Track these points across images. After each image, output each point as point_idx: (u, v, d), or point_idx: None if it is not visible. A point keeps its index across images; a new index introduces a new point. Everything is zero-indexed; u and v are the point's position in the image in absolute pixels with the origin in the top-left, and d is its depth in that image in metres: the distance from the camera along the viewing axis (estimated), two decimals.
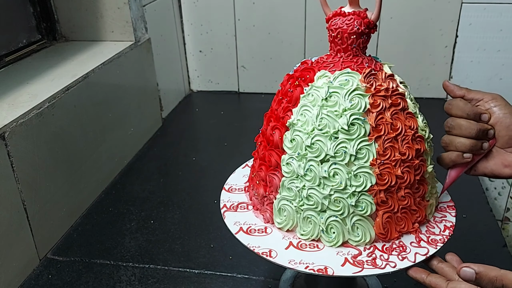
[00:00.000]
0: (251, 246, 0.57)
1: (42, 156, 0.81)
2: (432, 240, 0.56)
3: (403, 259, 0.54)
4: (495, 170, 0.59)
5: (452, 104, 0.58)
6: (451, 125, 0.57)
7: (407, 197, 0.55)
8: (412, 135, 0.55)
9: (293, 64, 0.62)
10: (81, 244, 0.86)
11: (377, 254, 0.55)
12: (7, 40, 0.99)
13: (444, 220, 0.59)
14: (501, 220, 1.37)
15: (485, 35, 1.26)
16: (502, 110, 0.57)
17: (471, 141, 0.57)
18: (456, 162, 0.58)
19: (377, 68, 0.57)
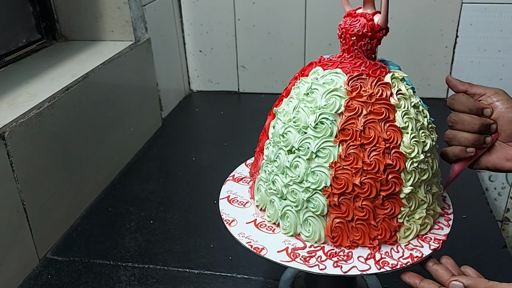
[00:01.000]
0: (222, 212, 0.61)
1: (42, 156, 0.80)
2: (382, 262, 0.53)
3: (336, 267, 0.53)
4: (497, 164, 0.59)
5: (455, 99, 0.58)
6: (454, 120, 0.58)
7: (365, 209, 0.53)
8: (386, 148, 0.52)
9: (293, 64, 0.62)
10: (80, 244, 0.86)
11: (318, 254, 0.55)
12: (7, 39, 0.99)
13: (416, 248, 0.55)
14: (501, 220, 1.37)
15: (485, 35, 1.26)
16: (504, 105, 0.57)
17: (474, 136, 0.57)
18: (460, 157, 0.59)
19: (376, 74, 0.55)
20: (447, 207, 0.62)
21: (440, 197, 0.61)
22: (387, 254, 0.54)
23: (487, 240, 0.83)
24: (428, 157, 0.55)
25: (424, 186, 0.55)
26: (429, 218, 0.57)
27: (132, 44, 1.10)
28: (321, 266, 0.53)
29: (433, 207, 0.57)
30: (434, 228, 0.58)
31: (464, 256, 0.79)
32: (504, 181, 1.33)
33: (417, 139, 0.54)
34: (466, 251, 0.80)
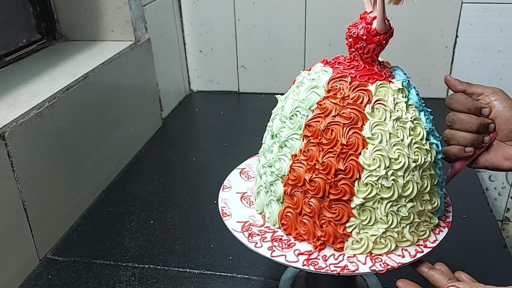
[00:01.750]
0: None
1: (42, 156, 0.80)
2: (311, 262, 0.53)
3: (265, 248, 0.56)
4: (495, 163, 0.60)
5: (453, 98, 0.59)
6: (453, 119, 0.58)
7: (312, 207, 0.53)
8: (342, 153, 0.51)
9: (293, 64, 0.62)
10: (81, 244, 0.86)
11: (266, 235, 0.58)
12: (7, 39, 0.99)
13: (356, 263, 0.53)
14: (501, 220, 1.37)
15: (485, 35, 1.26)
16: (502, 104, 0.58)
17: (473, 135, 0.58)
18: (458, 156, 0.59)
19: (364, 79, 0.54)
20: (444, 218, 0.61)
21: (424, 225, 0.56)
22: (324, 258, 0.54)
23: (487, 240, 0.83)
24: (398, 176, 0.51)
25: (387, 205, 0.52)
26: (391, 240, 0.54)
27: (132, 44, 1.10)
28: (258, 244, 0.57)
29: (398, 231, 0.54)
30: None
31: (464, 256, 0.79)
32: (504, 180, 1.33)
33: (384, 153, 0.51)
34: (466, 251, 0.80)
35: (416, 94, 0.56)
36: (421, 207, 0.55)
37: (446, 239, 0.57)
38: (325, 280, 0.65)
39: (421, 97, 0.58)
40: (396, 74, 0.57)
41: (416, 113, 0.55)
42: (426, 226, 0.56)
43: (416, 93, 0.57)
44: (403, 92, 0.55)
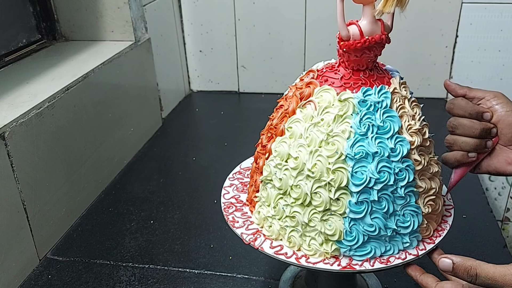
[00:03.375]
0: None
1: (42, 156, 0.80)
2: None
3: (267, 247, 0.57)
4: (498, 167, 0.59)
5: (454, 103, 0.58)
6: (454, 125, 0.58)
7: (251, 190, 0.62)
8: (271, 135, 0.58)
9: (293, 64, 0.62)
10: (81, 244, 0.86)
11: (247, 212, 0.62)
12: (7, 39, 0.99)
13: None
14: (501, 220, 1.37)
15: (485, 35, 1.26)
16: (504, 108, 0.57)
17: (475, 141, 0.57)
18: (462, 162, 0.59)
19: (340, 85, 0.54)
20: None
21: (318, 244, 0.55)
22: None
23: (487, 240, 0.83)
24: (291, 175, 0.54)
25: (278, 195, 0.56)
26: (283, 234, 0.56)
27: (132, 44, 1.10)
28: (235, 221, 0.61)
29: (286, 229, 0.56)
30: None
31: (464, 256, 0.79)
32: (504, 181, 1.33)
33: (286, 148, 0.55)
34: (466, 251, 0.80)
35: (366, 123, 0.52)
36: (310, 221, 0.54)
37: (446, 239, 0.57)
38: (325, 280, 0.65)
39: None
40: (376, 92, 0.54)
41: (342, 130, 0.52)
42: (316, 247, 0.54)
43: (368, 120, 0.52)
44: (346, 106, 0.53)
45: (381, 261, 0.54)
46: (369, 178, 0.51)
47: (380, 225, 0.53)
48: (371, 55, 0.54)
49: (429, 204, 0.55)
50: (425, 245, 0.56)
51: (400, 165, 0.52)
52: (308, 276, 0.69)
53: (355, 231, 0.53)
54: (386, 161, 0.52)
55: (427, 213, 0.55)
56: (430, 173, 0.55)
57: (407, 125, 0.53)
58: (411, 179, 0.52)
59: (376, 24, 0.53)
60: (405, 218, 0.54)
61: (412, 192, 0.53)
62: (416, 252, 0.55)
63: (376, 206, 0.52)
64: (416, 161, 0.53)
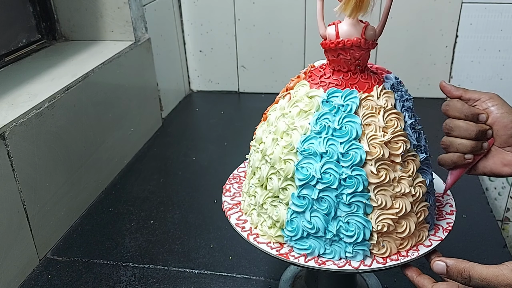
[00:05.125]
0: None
1: (42, 156, 0.80)
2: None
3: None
4: (494, 169, 0.59)
5: (449, 105, 0.58)
6: (450, 127, 0.58)
7: None
8: None
9: (293, 64, 0.62)
10: (81, 244, 0.86)
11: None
12: (7, 39, 0.99)
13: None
14: (501, 220, 1.37)
15: (485, 35, 1.26)
16: (499, 110, 0.57)
17: (471, 142, 0.57)
18: (458, 163, 0.59)
19: (317, 82, 0.55)
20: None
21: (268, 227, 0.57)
22: None
23: (487, 240, 0.83)
24: (263, 163, 0.57)
25: (253, 178, 0.59)
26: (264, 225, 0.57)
27: (132, 44, 1.10)
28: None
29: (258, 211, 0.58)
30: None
31: (464, 256, 0.78)
32: (504, 180, 1.33)
33: (266, 133, 0.58)
34: (466, 251, 0.80)
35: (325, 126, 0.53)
36: (264, 204, 0.57)
37: (446, 239, 0.57)
38: (325, 280, 0.65)
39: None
40: (343, 96, 0.53)
41: (301, 125, 0.54)
42: (266, 229, 0.57)
43: (324, 121, 0.53)
44: (312, 103, 0.54)
45: (380, 262, 0.54)
46: (312, 175, 0.52)
47: (319, 225, 0.53)
48: (348, 57, 0.53)
49: (385, 222, 0.52)
50: (375, 263, 0.53)
51: (349, 172, 0.51)
52: (308, 276, 0.69)
53: (295, 223, 0.54)
54: (334, 164, 0.51)
55: (381, 231, 0.53)
56: (394, 191, 0.52)
57: (370, 134, 0.51)
58: (360, 189, 0.51)
59: (356, 27, 0.53)
60: (349, 227, 0.52)
61: (362, 203, 0.52)
62: (357, 265, 0.53)
63: (317, 205, 0.52)
64: (372, 173, 0.51)
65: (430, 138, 0.60)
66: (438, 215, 0.61)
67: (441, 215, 0.61)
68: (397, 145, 0.52)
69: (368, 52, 0.54)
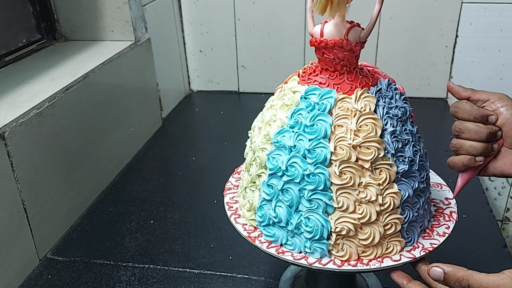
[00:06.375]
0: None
1: (42, 156, 0.80)
2: None
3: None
4: (504, 170, 0.58)
5: (458, 107, 0.57)
6: (460, 129, 0.57)
7: None
8: None
9: (293, 64, 0.62)
10: (81, 244, 0.86)
11: None
12: (7, 39, 0.99)
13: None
14: (501, 220, 1.37)
15: (485, 35, 1.26)
16: (509, 111, 0.56)
17: (482, 145, 0.56)
18: (469, 166, 0.58)
19: (305, 78, 0.57)
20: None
21: None
22: None
23: (487, 240, 0.83)
24: (253, 159, 0.59)
25: (248, 171, 0.60)
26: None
27: (132, 44, 1.10)
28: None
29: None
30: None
31: (464, 256, 0.79)
32: (504, 180, 1.33)
33: (256, 131, 0.60)
34: (466, 251, 0.80)
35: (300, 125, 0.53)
36: (247, 188, 0.60)
37: (446, 239, 0.57)
38: (325, 280, 0.65)
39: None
40: (320, 94, 0.54)
41: (280, 118, 0.55)
42: (246, 211, 0.60)
43: (298, 116, 0.54)
44: (294, 98, 0.55)
45: (337, 264, 0.54)
46: (279, 166, 0.53)
47: (281, 215, 0.54)
48: (331, 57, 0.54)
49: (345, 225, 0.52)
50: (333, 264, 0.53)
51: (312, 169, 0.51)
52: (308, 276, 0.69)
53: (264, 210, 0.56)
54: (301, 159, 0.52)
55: (341, 233, 0.53)
56: (359, 197, 0.52)
57: (339, 136, 0.51)
58: (321, 188, 0.51)
59: (340, 27, 0.53)
60: (308, 222, 0.53)
61: (322, 201, 0.52)
62: (312, 261, 0.53)
63: (282, 196, 0.54)
64: (335, 174, 0.51)
65: (430, 137, 0.60)
66: (427, 234, 0.58)
67: (429, 235, 0.58)
68: (368, 151, 0.51)
69: (354, 54, 0.54)
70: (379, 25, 1.29)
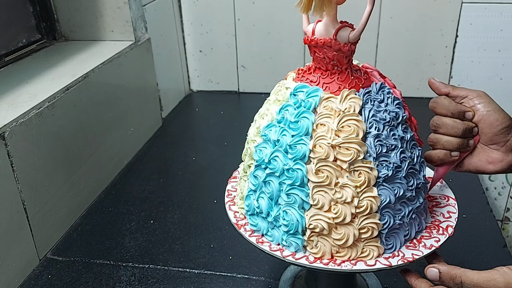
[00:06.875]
0: None
1: (42, 156, 0.80)
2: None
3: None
4: (479, 166, 0.60)
5: (437, 102, 0.58)
6: (437, 124, 0.58)
7: None
8: None
9: (293, 64, 0.63)
10: (81, 244, 0.86)
11: None
12: (7, 39, 0.99)
13: None
14: (501, 220, 1.37)
15: (485, 35, 1.26)
16: (486, 108, 0.57)
17: (458, 140, 0.57)
18: (445, 160, 0.59)
19: (299, 76, 0.57)
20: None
21: None
22: None
23: (487, 240, 0.83)
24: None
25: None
26: None
27: (132, 44, 1.10)
28: None
29: None
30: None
31: (464, 256, 0.79)
32: (504, 180, 1.33)
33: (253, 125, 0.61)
34: (466, 251, 0.80)
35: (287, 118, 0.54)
36: (242, 178, 0.62)
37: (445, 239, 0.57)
38: (325, 280, 0.65)
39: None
40: (307, 92, 0.54)
41: (271, 112, 0.57)
42: (239, 200, 0.62)
43: (285, 112, 0.55)
44: (285, 94, 0.56)
45: (310, 260, 0.54)
46: (263, 159, 0.55)
47: (263, 207, 0.56)
48: (321, 56, 0.54)
49: (319, 223, 0.52)
50: (306, 260, 0.54)
51: (291, 165, 0.52)
52: (308, 276, 0.69)
53: (250, 199, 0.58)
54: (283, 154, 0.53)
55: (314, 230, 0.53)
56: (335, 196, 0.52)
57: (320, 134, 0.52)
58: (298, 183, 0.52)
59: (330, 27, 0.53)
60: (286, 216, 0.54)
61: (299, 197, 0.52)
62: (287, 254, 0.55)
63: (264, 187, 0.56)
64: (312, 172, 0.52)
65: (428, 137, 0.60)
66: (413, 245, 0.56)
67: (415, 245, 0.56)
68: (347, 152, 0.51)
69: (344, 54, 0.53)
70: (379, 25, 1.29)
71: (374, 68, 0.59)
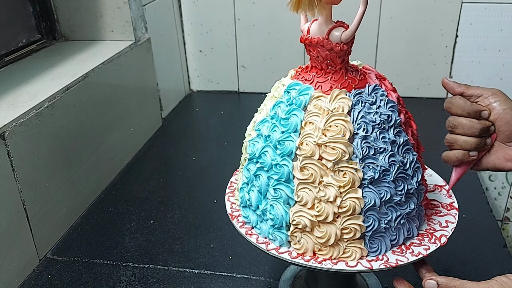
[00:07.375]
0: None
1: (42, 156, 0.80)
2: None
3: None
4: (497, 164, 0.59)
5: (452, 102, 0.58)
6: (453, 124, 0.57)
7: None
8: None
9: (293, 64, 0.63)
10: (81, 244, 0.86)
11: None
12: (7, 39, 0.99)
13: None
14: (501, 220, 1.37)
15: (485, 34, 1.26)
16: (502, 106, 0.57)
17: (476, 140, 0.57)
18: (463, 161, 0.59)
19: (296, 74, 0.58)
20: None
21: None
22: None
23: (487, 240, 0.83)
24: None
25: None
26: None
27: (132, 44, 1.10)
28: None
29: None
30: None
31: (464, 256, 0.79)
32: (504, 180, 1.33)
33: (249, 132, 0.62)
34: (466, 251, 0.80)
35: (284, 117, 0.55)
36: (241, 172, 0.62)
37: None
38: (325, 280, 0.65)
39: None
40: (299, 91, 0.55)
41: (266, 108, 0.59)
42: (237, 192, 0.63)
43: (277, 108, 0.55)
44: (280, 91, 0.58)
45: (293, 256, 0.55)
46: (254, 153, 0.57)
47: (253, 200, 0.57)
48: (315, 55, 0.54)
49: (302, 220, 0.53)
50: (288, 255, 0.55)
51: (279, 160, 0.53)
52: (308, 276, 0.69)
53: (243, 192, 0.59)
54: (272, 150, 0.55)
55: (297, 227, 0.53)
56: (319, 195, 0.52)
57: (307, 132, 0.52)
58: (284, 179, 0.53)
59: (322, 27, 0.53)
60: (272, 210, 0.55)
61: (284, 193, 0.53)
62: (272, 247, 0.56)
63: (255, 181, 0.57)
64: (297, 168, 0.52)
65: (429, 137, 0.60)
66: (400, 251, 0.55)
67: (402, 251, 0.55)
68: (332, 151, 0.51)
69: (337, 54, 0.53)
70: (379, 25, 1.29)
71: (374, 70, 0.58)
